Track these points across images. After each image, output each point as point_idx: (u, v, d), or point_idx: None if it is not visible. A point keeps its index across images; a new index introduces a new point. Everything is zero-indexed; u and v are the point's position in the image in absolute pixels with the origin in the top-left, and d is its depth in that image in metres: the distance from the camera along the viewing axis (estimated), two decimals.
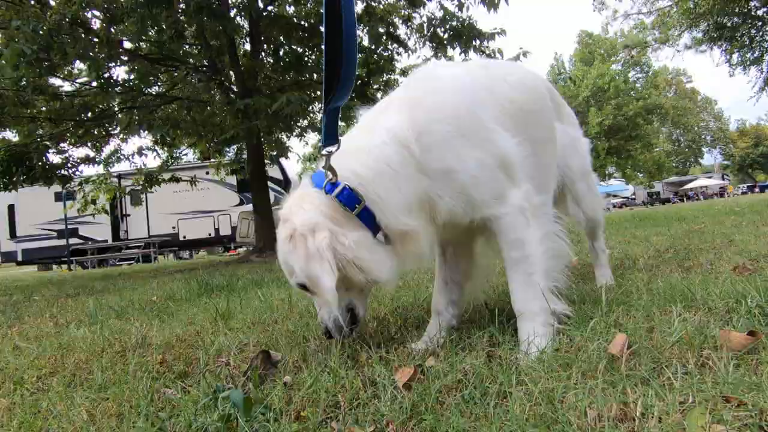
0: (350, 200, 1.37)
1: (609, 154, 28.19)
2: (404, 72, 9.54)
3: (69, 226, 16.16)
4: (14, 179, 8.62)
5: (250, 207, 13.50)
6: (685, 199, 36.22)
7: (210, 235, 17.92)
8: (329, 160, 1.37)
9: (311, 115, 9.45)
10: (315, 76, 8.90)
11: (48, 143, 8.74)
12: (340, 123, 1.54)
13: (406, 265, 1.57)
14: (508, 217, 1.44)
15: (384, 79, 9.18)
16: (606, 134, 27.39)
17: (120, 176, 15.02)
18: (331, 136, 1.41)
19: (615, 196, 40.31)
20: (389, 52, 8.99)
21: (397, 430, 0.92)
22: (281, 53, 9.09)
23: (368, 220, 1.40)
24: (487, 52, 8.13)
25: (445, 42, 8.27)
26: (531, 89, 1.76)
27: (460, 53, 8.24)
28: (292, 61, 8.47)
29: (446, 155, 1.42)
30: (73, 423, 1.15)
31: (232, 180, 16.76)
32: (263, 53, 9.42)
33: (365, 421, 1.00)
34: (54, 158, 9.10)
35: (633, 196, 39.73)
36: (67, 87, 8.62)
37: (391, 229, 1.42)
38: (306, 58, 8.81)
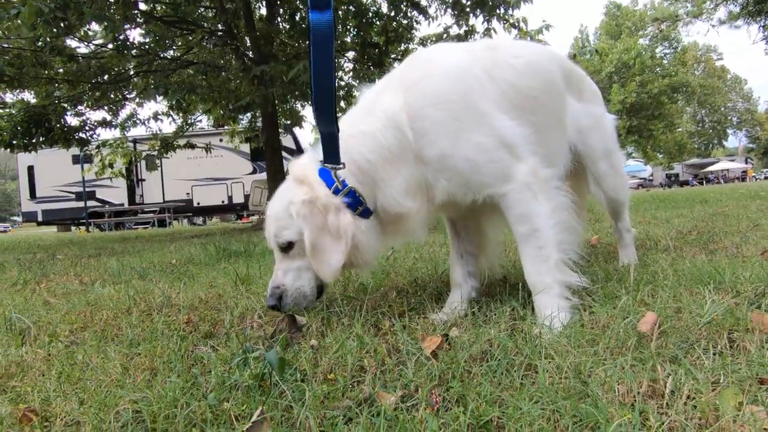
0: (355, 202, 1.46)
1: (630, 133, 27.37)
2: (423, 42, 9.26)
3: (87, 189, 16.46)
4: (33, 141, 8.71)
5: (263, 176, 13.56)
6: (705, 182, 35.31)
7: (223, 202, 18.12)
8: (336, 172, 1.44)
9: None
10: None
11: (66, 105, 8.77)
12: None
13: (395, 243, 1.67)
14: (513, 194, 1.45)
15: (402, 48, 8.92)
16: (628, 112, 26.50)
17: (135, 141, 15.11)
18: (331, 156, 1.44)
19: (633, 176, 39.50)
20: (408, 19, 8.69)
21: (426, 396, 0.94)
22: (297, 18, 8.86)
23: (366, 215, 1.49)
24: (511, 21, 7.82)
25: (467, 9, 7.94)
26: (537, 72, 1.68)
27: (483, 21, 7.93)
28: (309, 28, 8.23)
29: (439, 140, 1.44)
30: (109, 375, 1.20)
31: (246, 148, 16.76)
32: (279, 18, 9.19)
33: (394, 386, 1.01)
34: (72, 121, 9.16)
35: (650, 177, 38.86)
36: (83, 49, 8.57)
37: (389, 212, 1.50)
38: None
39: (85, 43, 8.51)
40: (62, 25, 6.01)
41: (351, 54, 9.44)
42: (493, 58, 1.58)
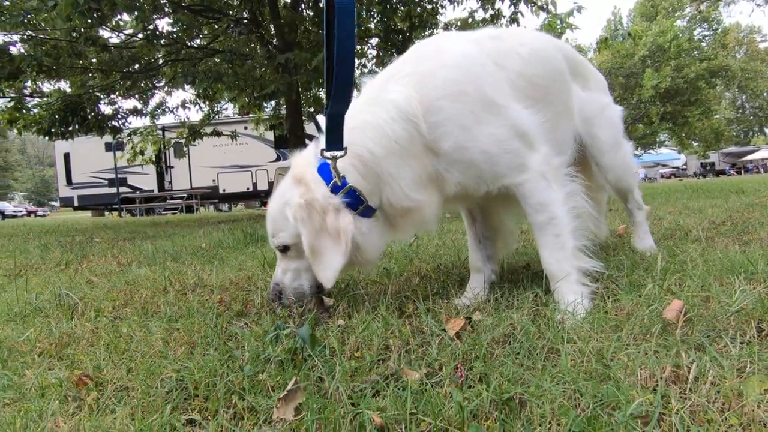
0: (356, 201, 1.41)
1: (663, 119, 26.25)
2: (448, 27, 9.11)
3: (118, 176, 17.08)
4: (70, 128, 9.09)
5: (287, 163, 13.71)
6: (743, 171, 33.66)
7: (248, 189, 18.48)
8: (335, 164, 1.37)
9: None
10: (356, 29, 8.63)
11: (99, 94, 9.09)
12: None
13: (405, 235, 1.63)
14: (529, 183, 1.45)
15: (426, 34, 8.81)
16: (661, 98, 25.38)
17: (164, 129, 15.54)
18: (334, 142, 1.37)
19: (664, 165, 37.99)
20: (433, 4, 8.56)
21: (450, 374, 0.97)
22: (321, 5, 8.86)
23: (367, 213, 1.45)
24: (540, 3, 7.59)
25: None
26: (544, 60, 1.66)
27: (510, 5, 7.73)
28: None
29: (455, 132, 1.41)
30: (151, 347, 1.29)
31: (270, 136, 16.99)
32: (303, 5, 9.20)
33: (418, 364, 1.06)
34: (105, 109, 9.49)
35: (684, 167, 37.32)
36: (114, 39, 8.83)
37: (397, 206, 1.46)
38: None
39: (116, 33, 8.77)
40: (96, 15, 6.20)
41: (375, 40, 9.39)
42: (499, 47, 1.56)
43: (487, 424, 0.78)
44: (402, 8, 8.41)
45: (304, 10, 9.29)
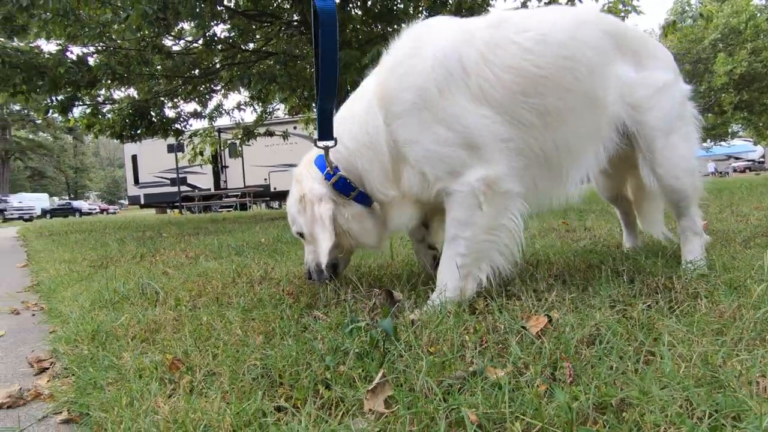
0: (345, 188, 1.56)
1: (737, 108, 23.96)
2: None
3: (179, 175, 18.19)
4: (138, 132, 9.79)
5: None
6: None
7: None
8: (328, 153, 1.53)
9: None
10: (403, 26, 8.61)
11: (164, 99, 9.71)
12: None
13: (394, 227, 1.68)
14: (458, 195, 1.41)
15: None
16: (736, 85, 23.17)
17: (220, 130, 16.34)
18: (325, 133, 1.51)
19: (737, 158, 34.76)
20: None
21: (539, 373, 0.93)
22: (369, 4, 8.90)
23: (362, 198, 1.58)
24: None
25: None
26: (551, 46, 1.46)
27: None
28: (382, 12, 8.25)
29: (410, 124, 1.42)
30: (232, 335, 1.34)
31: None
32: (351, 5, 9.30)
33: (500, 362, 1.02)
34: (169, 113, 10.14)
35: (761, 159, 33.93)
36: (175, 47, 9.39)
37: (376, 199, 1.58)
38: (395, 8, 8.53)
39: (177, 41, 9.32)
40: (162, 24, 6.61)
41: None
42: (493, 36, 1.45)
43: (596, 428, 0.73)
44: (451, 1, 8.27)
45: (353, 10, 9.40)
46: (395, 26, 8.71)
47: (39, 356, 1.55)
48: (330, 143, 1.51)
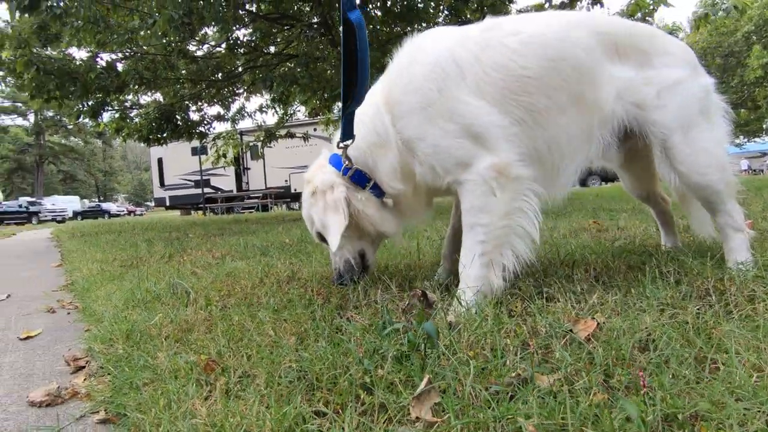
0: (361, 179, 1.63)
1: None
2: (520, 13, 8.69)
3: (202, 177, 18.58)
4: (164, 135, 10.02)
5: None
6: None
7: None
8: (346, 151, 1.61)
9: None
10: (424, 25, 8.56)
11: (188, 103, 9.92)
12: None
13: (409, 221, 1.80)
14: (469, 184, 1.46)
15: None
16: None
17: (242, 133, 16.60)
18: (347, 134, 1.60)
19: None
20: None
21: (592, 381, 0.87)
22: (389, 4, 8.87)
23: (377, 190, 1.65)
24: None
25: None
26: (538, 48, 1.53)
27: None
28: (402, 12, 8.21)
29: (412, 125, 1.51)
30: (264, 336, 1.32)
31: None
32: (371, 5, 9.29)
33: (546, 367, 0.96)
34: (193, 116, 10.34)
35: None
36: (199, 52, 9.58)
37: (388, 193, 1.65)
38: (416, 8, 8.48)
39: (200, 46, 9.50)
40: (187, 29, 6.74)
41: None
42: (486, 39, 1.55)
43: None
44: None
45: (372, 11, 9.39)
46: (416, 26, 8.67)
47: (75, 354, 1.57)
48: (349, 141, 1.60)
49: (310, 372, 1.01)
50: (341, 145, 1.61)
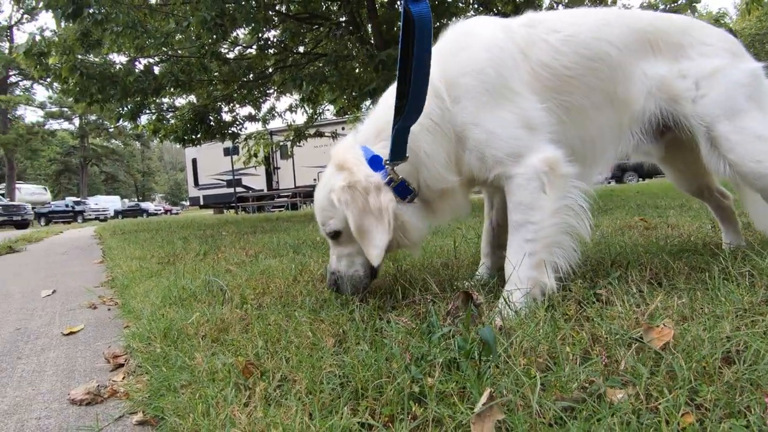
0: (404, 192, 1.49)
1: None
2: (553, 7, 8.38)
3: (234, 177, 19.03)
4: (198, 135, 10.29)
5: None
6: None
7: None
8: (394, 169, 1.46)
9: None
10: (453, 19, 8.42)
11: (221, 104, 10.13)
12: None
13: (443, 220, 1.68)
14: (520, 178, 1.39)
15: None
16: None
17: (272, 133, 16.87)
18: (398, 153, 1.44)
19: None
20: None
21: (678, 400, 0.75)
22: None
23: (413, 198, 1.52)
24: None
25: None
26: (577, 48, 1.51)
27: None
28: (433, 6, 8.09)
29: (470, 107, 1.43)
30: (302, 338, 1.26)
31: None
32: (400, 2, 9.22)
33: (627, 380, 0.85)
34: (226, 117, 10.56)
35: None
36: (230, 54, 9.77)
37: (434, 188, 1.51)
38: (447, 2, 8.33)
39: (232, 48, 9.68)
40: (220, 30, 6.86)
41: None
42: (529, 35, 1.51)
43: None
44: None
45: (402, 7, 9.29)
46: (447, 21, 8.52)
47: (114, 352, 1.58)
48: (401, 163, 1.45)
49: (353, 379, 0.94)
50: (389, 163, 1.45)
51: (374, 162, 1.49)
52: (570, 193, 1.42)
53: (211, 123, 10.15)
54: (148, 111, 9.52)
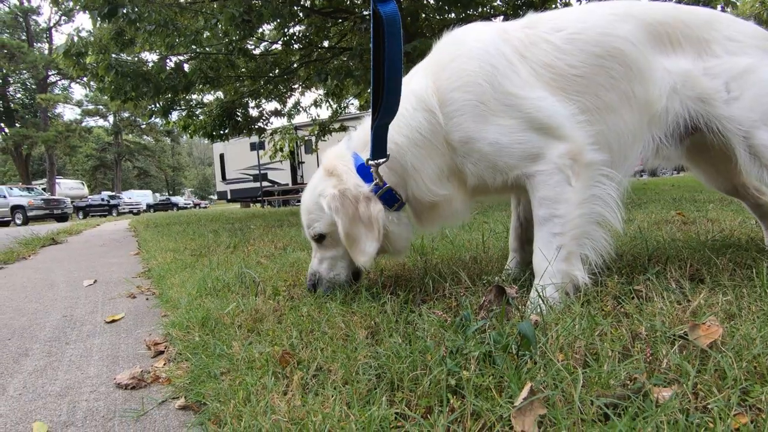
0: (391, 200, 1.51)
1: None
2: (567, 2, 8.12)
3: (260, 172, 19.37)
4: (226, 131, 10.52)
5: None
6: None
7: None
8: (378, 170, 1.46)
9: None
10: (480, 9, 8.25)
11: (248, 99, 10.31)
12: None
13: (431, 228, 1.68)
14: (540, 175, 1.36)
15: (560, 4, 7.95)
16: None
17: (296, 128, 17.07)
18: (379, 151, 1.44)
19: None
20: None
21: (730, 400, 0.73)
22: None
23: (400, 207, 1.54)
24: None
25: None
26: (584, 45, 1.43)
27: None
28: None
29: (464, 123, 1.40)
30: (335, 329, 1.28)
31: None
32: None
33: (671, 378, 0.83)
34: (253, 112, 10.76)
35: None
36: (256, 50, 9.91)
37: (422, 200, 1.51)
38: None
39: (259, 44, 9.81)
40: (247, 26, 6.96)
41: (500, 19, 8.85)
42: (528, 36, 1.46)
43: None
44: None
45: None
46: (470, 11, 8.35)
47: (155, 339, 1.64)
48: (382, 160, 1.45)
49: (388, 370, 0.95)
50: (372, 163, 1.46)
51: (363, 169, 1.52)
52: (598, 181, 1.37)
53: (239, 118, 10.36)
54: (178, 107, 9.79)
